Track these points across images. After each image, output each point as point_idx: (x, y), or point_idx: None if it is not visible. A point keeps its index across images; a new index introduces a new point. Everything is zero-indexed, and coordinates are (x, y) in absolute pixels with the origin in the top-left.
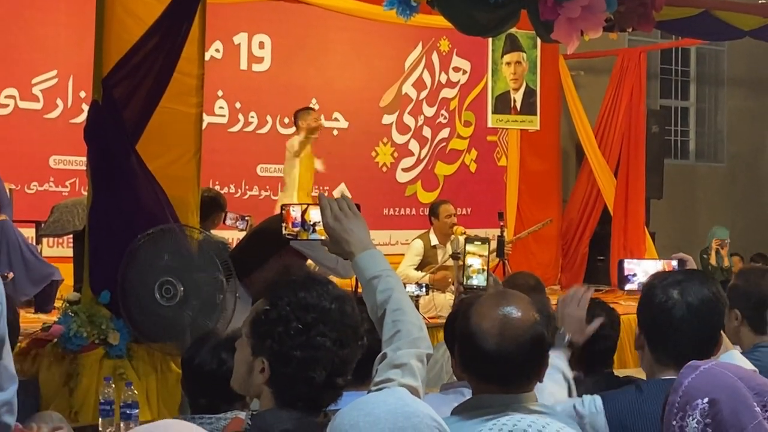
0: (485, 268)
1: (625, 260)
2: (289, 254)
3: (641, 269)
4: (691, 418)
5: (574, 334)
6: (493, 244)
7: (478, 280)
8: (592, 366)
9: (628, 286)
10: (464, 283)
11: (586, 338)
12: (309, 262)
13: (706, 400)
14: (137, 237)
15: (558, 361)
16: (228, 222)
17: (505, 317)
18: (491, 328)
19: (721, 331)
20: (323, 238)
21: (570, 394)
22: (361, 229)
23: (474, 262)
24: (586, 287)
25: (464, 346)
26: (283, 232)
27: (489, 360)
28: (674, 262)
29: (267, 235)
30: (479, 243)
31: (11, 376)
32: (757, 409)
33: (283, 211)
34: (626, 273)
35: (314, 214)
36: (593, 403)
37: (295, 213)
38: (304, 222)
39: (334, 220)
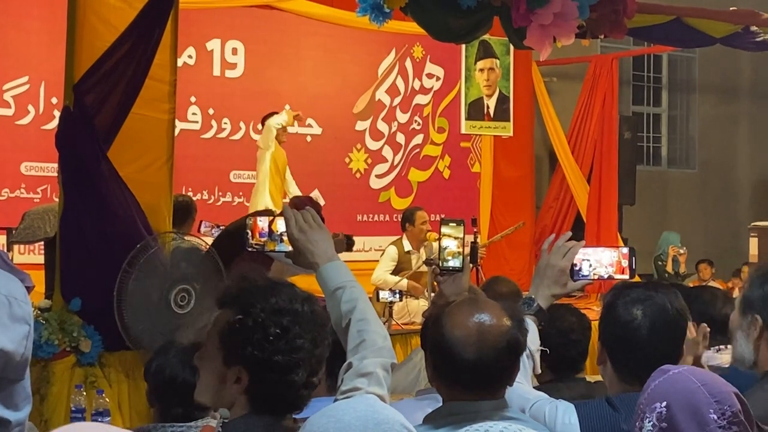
0: (461, 250)
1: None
2: (252, 255)
3: (594, 258)
4: (647, 420)
5: (553, 285)
6: (466, 249)
7: (454, 263)
8: (564, 371)
9: (581, 277)
10: (441, 265)
11: (567, 293)
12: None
13: (664, 404)
14: (136, 247)
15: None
16: (203, 230)
17: (480, 325)
18: (468, 337)
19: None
20: (290, 249)
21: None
22: (326, 240)
23: (450, 243)
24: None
25: (439, 355)
26: (250, 242)
27: (467, 368)
28: (624, 250)
29: (231, 237)
30: (454, 224)
31: (27, 396)
32: (713, 416)
33: (250, 222)
34: (577, 264)
35: (281, 224)
36: (566, 415)
37: (262, 223)
38: (271, 232)
39: (299, 231)
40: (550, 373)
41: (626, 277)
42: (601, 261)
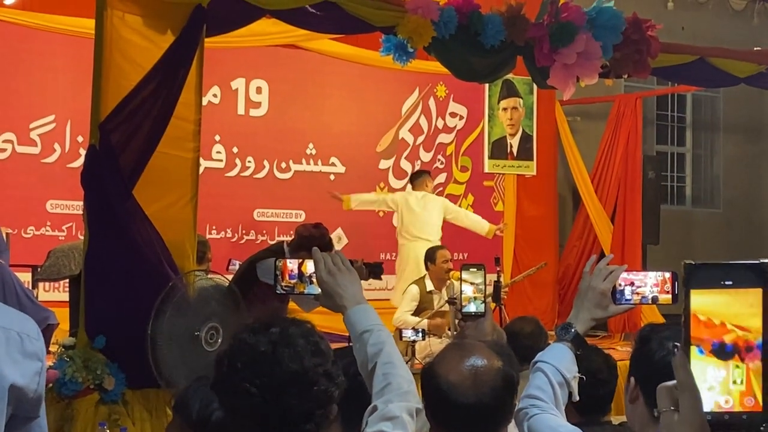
0: (476, 295)
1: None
2: (262, 288)
3: (638, 280)
4: None
5: (594, 308)
6: (489, 289)
7: (475, 308)
8: (589, 413)
9: (624, 300)
10: (462, 311)
11: (609, 316)
12: None
13: None
14: (170, 285)
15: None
16: (231, 268)
17: (473, 368)
18: (464, 381)
19: None
20: (319, 291)
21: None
22: (354, 283)
23: (466, 289)
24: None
25: (438, 404)
26: (280, 284)
27: (468, 413)
28: (667, 274)
29: (250, 268)
30: (475, 269)
31: None
32: None
33: (280, 264)
34: (621, 284)
35: (311, 267)
36: None
37: (292, 265)
38: (301, 274)
39: (328, 274)
40: (578, 415)
41: (669, 298)
42: (645, 281)
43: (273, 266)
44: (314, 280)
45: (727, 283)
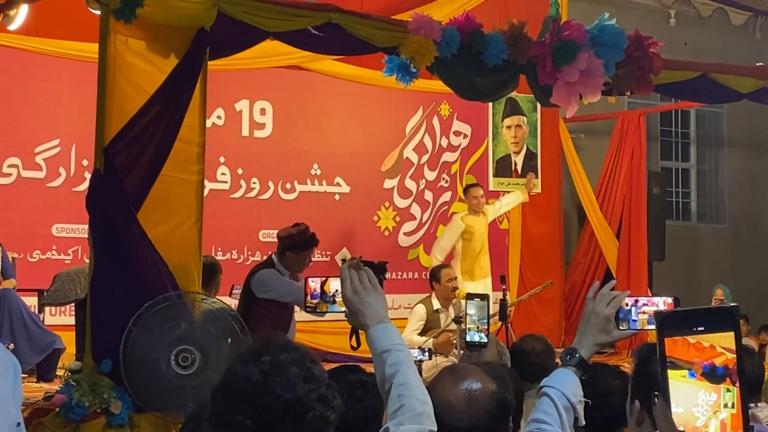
0: (470, 326)
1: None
2: (263, 303)
3: (641, 303)
4: None
5: (598, 333)
6: (495, 308)
7: (479, 337)
8: None
9: (630, 325)
10: (466, 340)
11: (613, 341)
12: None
13: None
14: (143, 306)
15: (547, 406)
16: (235, 293)
17: (467, 392)
18: (458, 405)
19: None
20: (343, 309)
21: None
22: (379, 302)
23: (474, 319)
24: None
25: None
26: (304, 304)
27: None
28: (670, 299)
29: (246, 286)
30: (478, 299)
31: None
32: None
33: (302, 284)
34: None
35: (335, 285)
36: None
37: (314, 284)
38: (323, 293)
39: (353, 292)
40: None
41: None
42: (646, 310)
43: (264, 278)
44: (337, 299)
45: (699, 329)
